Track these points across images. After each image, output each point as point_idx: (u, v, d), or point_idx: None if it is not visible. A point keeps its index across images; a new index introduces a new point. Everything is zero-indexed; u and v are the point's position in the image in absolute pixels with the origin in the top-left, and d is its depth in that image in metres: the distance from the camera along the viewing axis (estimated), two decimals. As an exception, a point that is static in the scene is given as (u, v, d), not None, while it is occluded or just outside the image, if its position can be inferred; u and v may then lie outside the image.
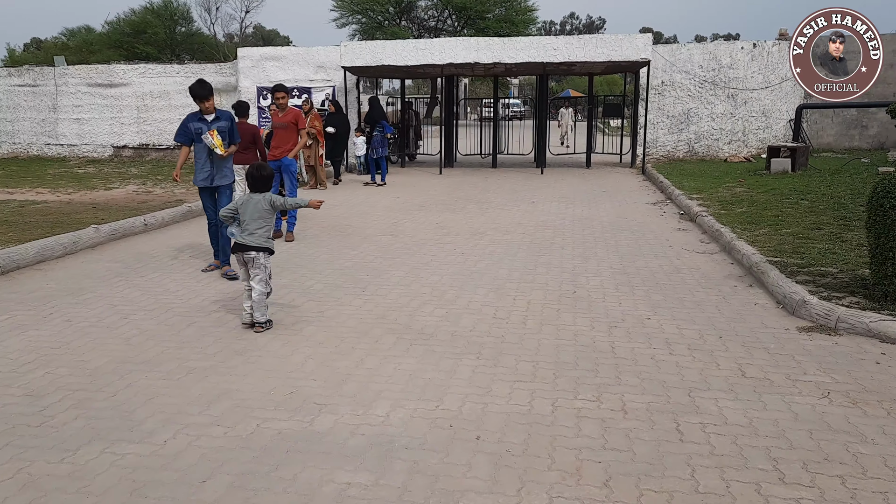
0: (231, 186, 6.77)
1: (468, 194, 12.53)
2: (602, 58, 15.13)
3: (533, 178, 15.26)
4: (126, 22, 44.68)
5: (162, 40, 43.99)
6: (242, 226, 5.14)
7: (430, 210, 10.68)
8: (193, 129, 6.49)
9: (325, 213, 10.44)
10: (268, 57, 17.37)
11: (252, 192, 5.22)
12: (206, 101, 6.45)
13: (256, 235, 5.07)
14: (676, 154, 17.15)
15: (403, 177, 15.67)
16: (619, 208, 10.67)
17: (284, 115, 8.37)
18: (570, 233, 8.67)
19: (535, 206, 11.07)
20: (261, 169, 5.22)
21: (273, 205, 5.14)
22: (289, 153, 8.25)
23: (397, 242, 8.13)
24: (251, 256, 5.05)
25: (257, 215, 5.10)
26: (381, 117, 14.44)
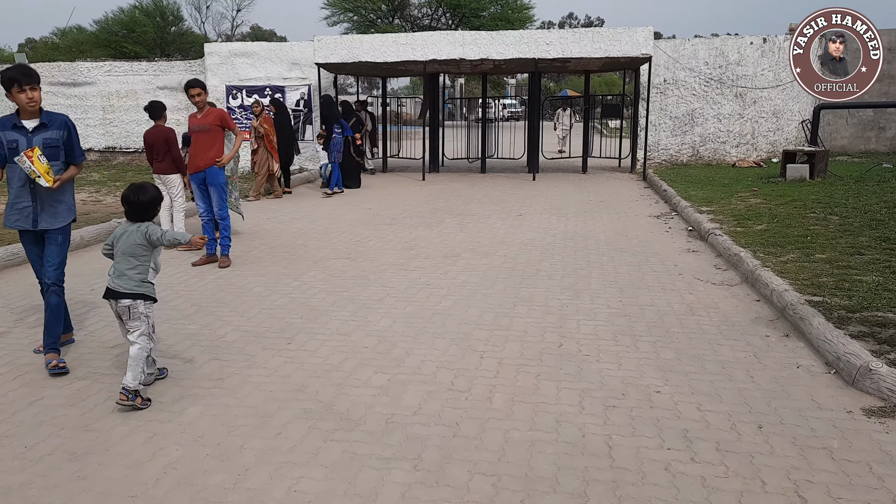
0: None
1: (450, 204, 11.20)
2: (599, 53, 13.81)
3: (523, 185, 13.93)
4: (114, 21, 43.56)
5: (151, 39, 42.75)
6: (114, 265, 3.82)
7: (403, 225, 9.35)
8: (5, 142, 4.14)
9: (280, 229, 9.10)
10: (237, 53, 16.05)
11: (129, 222, 3.90)
12: (22, 91, 4.04)
13: (127, 278, 3.76)
14: (680, 158, 15.83)
15: (382, 184, 14.34)
16: (619, 222, 9.35)
17: (204, 115, 6.90)
18: (560, 255, 7.34)
19: (522, 219, 9.75)
20: (139, 192, 3.88)
21: (149, 239, 3.81)
22: (215, 162, 6.87)
23: (353, 269, 6.79)
24: (125, 306, 3.74)
25: (129, 251, 3.79)
26: (338, 117, 12.75)
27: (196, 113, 6.95)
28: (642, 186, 13.45)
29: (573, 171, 16.40)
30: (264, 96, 16.09)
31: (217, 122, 6.85)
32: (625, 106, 18.60)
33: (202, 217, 7.25)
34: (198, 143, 6.84)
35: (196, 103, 6.83)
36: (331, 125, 12.40)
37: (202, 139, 6.80)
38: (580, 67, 15.86)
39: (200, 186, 6.97)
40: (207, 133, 6.79)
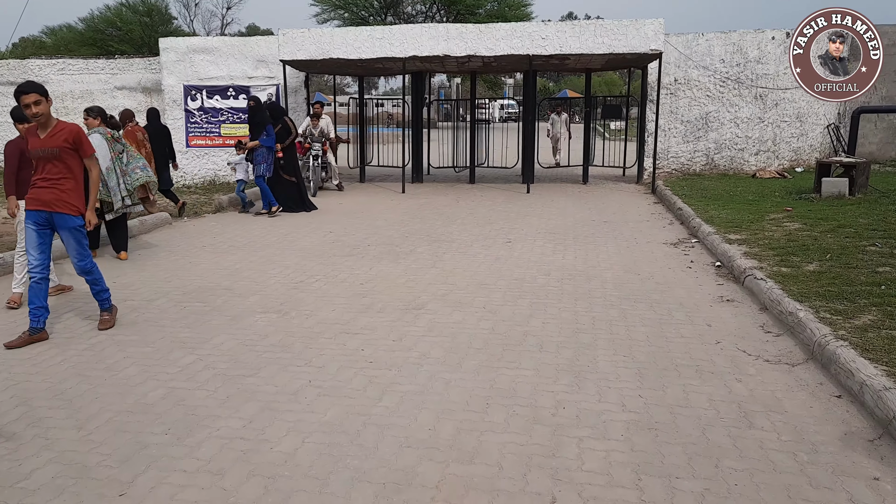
0: None
1: (427, 226, 9.49)
2: (602, 49, 12.11)
3: (516, 199, 12.22)
4: (100, 19, 42.10)
5: (139, 38, 41.20)
6: None
7: (365, 256, 7.64)
8: None
9: (209, 262, 7.39)
10: (197, 49, 14.33)
11: None
12: None
13: None
14: (692, 167, 14.13)
15: (354, 198, 12.62)
16: (628, 253, 7.64)
17: (50, 133, 4.83)
18: (555, 307, 5.62)
19: (511, 247, 8.04)
20: None
21: None
22: (67, 202, 4.84)
23: (277, 331, 5.08)
24: None
25: None
26: (266, 122, 10.31)
27: (37, 129, 4.86)
28: (651, 201, 11.73)
29: (573, 182, 14.69)
30: (227, 97, 14.40)
31: (68, 145, 4.83)
32: (629, 106, 16.87)
33: (32, 274, 4.90)
34: (43, 170, 4.82)
35: (34, 116, 4.72)
36: (259, 133, 10.31)
37: (50, 168, 4.81)
38: (580, 65, 14.15)
39: (41, 230, 4.89)
40: (58, 161, 4.80)
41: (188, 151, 14.48)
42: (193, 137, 14.43)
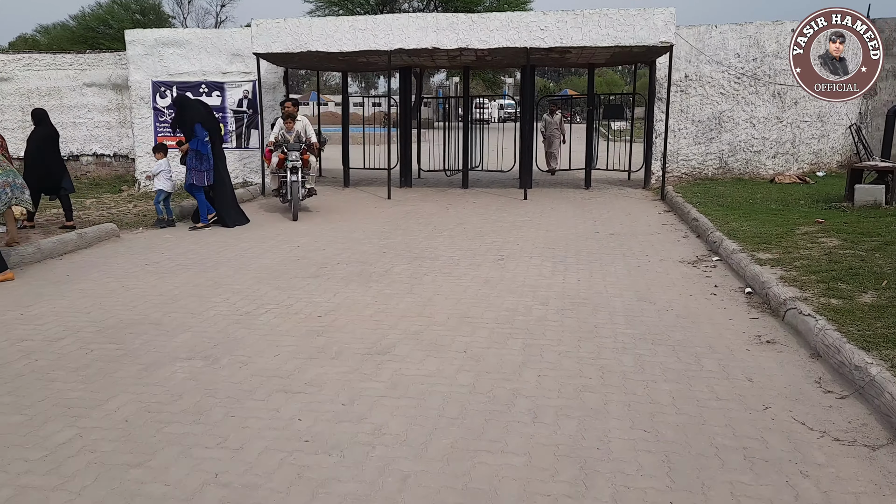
0: None
1: (409, 240, 8.37)
2: (607, 41, 11.00)
3: (512, 206, 11.10)
4: (91, 16, 41.23)
5: (131, 35, 39.99)
6: None
7: (331, 277, 6.51)
8: None
9: (146, 285, 6.25)
10: (166, 42, 13.20)
11: None
12: None
13: None
14: (704, 171, 13.00)
15: (334, 205, 11.50)
16: (640, 274, 6.52)
17: None
18: (553, 351, 4.50)
19: (503, 267, 6.92)
20: None
21: None
22: None
23: (195, 390, 3.95)
24: None
25: None
26: (195, 120, 8.94)
27: None
28: (661, 209, 10.61)
29: (574, 187, 13.57)
30: (199, 94, 13.28)
31: None
32: (628, 105, 15.74)
33: None
34: None
35: None
36: (187, 131, 8.99)
37: None
38: (583, 60, 13.03)
39: None
40: None
41: (157, 153, 13.33)
42: (162, 138, 13.31)
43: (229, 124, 13.38)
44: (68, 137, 15.98)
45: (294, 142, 9.98)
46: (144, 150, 13.38)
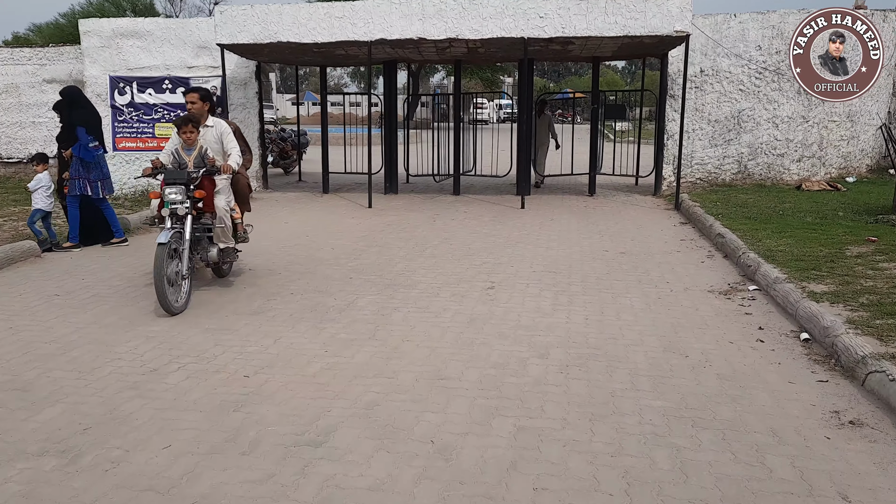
0: None
1: (383, 260, 7.07)
2: (614, 31, 9.72)
3: (508, 216, 9.81)
4: (81, 13, 40.19)
5: (120, 32, 38.91)
6: None
7: (277, 315, 5.22)
8: None
9: (33, 331, 4.94)
10: (125, 33, 11.91)
11: None
12: None
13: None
14: (721, 176, 11.72)
15: (310, 214, 10.20)
16: (663, 310, 5.23)
17: None
18: (556, 442, 3.21)
19: (493, 298, 5.63)
20: None
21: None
22: None
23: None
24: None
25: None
26: (80, 121, 7.30)
27: None
28: (677, 221, 9.32)
29: (577, 193, 12.28)
30: (162, 90, 12.00)
31: None
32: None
33: None
34: None
35: None
36: (69, 135, 7.39)
37: None
38: (587, 53, 11.74)
39: None
40: None
41: (115, 156, 12.07)
42: (122, 139, 12.03)
43: (195, 124, 12.07)
44: (27, 138, 14.73)
45: (195, 164, 5.63)
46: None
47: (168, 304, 5.07)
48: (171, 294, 5.13)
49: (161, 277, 4.96)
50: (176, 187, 5.28)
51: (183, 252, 5.29)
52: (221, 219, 5.78)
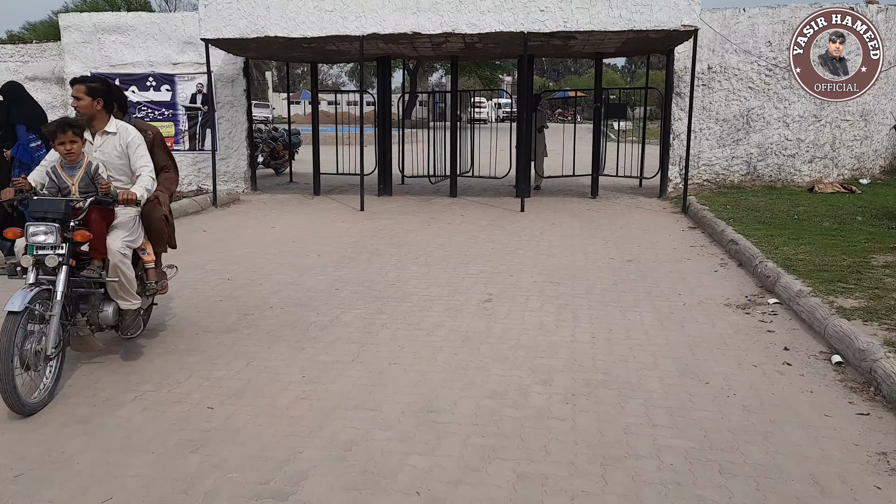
0: None
1: (374, 268, 6.60)
2: (619, 25, 9.26)
3: (507, 219, 9.34)
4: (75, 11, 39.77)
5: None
6: None
7: (253, 333, 4.75)
8: None
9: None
10: (107, 28, 11.43)
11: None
12: None
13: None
14: (729, 177, 11.25)
15: (298, 217, 9.71)
16: (676, 327, 4.76)
17: None
18: (561, 496, 2.74)
19: (491, 313, 5.16)
20: None
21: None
22: None
23: None
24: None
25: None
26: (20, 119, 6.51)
27: None
28: (686, 226, 8.85)
29: (579, 195, 11.82)
30: (146, 88, 11.54)
31: None
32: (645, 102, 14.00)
33: None
34: None
35: None
36: (8, 133, 6.61)
37: None
38: (589, 49, 11.27)
39: None
40: None
41: (98, 156, 11.57)
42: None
43: (181, 123, 11.62)
44: (9, 138, 14.23)
45: (77, 192, 3.93)
46: (83, 153, 11.59)
47: (16, 400, 3.31)
48: (25, 385, 3.41)
49: (8, 360, 3.24)
50: (46, 225, 3.60)
51: (51, 320, 3.54)
52: (117, 268, 3.90)
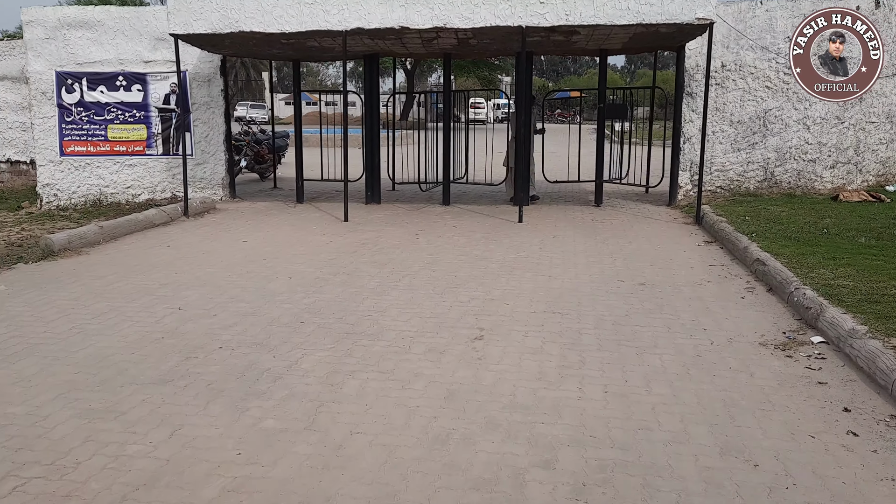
0: None
1: (349, 293, 5.74)
2: (626, 18, 8.40)
3: (503, 232, 8.48)
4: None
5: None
6: None
7: (189, 385, 3.89)
8: None
9: None
10: (72, 23, 10.56)
11: None
12: None
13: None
14: (745, 184, 10.39)
15: (268, 230, 8.85)
16: (706, 378, 3.90)
17: None
18: None
19: (481, 356, 4.30)
20: None
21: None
22: None
23: None
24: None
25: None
26: None
27: None
28: (701, 239, 7.99)
29: (581, 203, 10.96)
30: (116, 87, 10.68)
31: None
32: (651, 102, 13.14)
33: None
34: None
35: None
36: None
37: None
38: (593, 45, 10.40)
39: None
40: None
41: (62, 161, 10.74)
42: (70, 142, 10.70)
43: (153, 126, 10.77)
44: (-22, 141, 13.39)
45: None
46: (47, 158, 10.75)
47: None
48: None
49: None
50: None
51: None
52: None
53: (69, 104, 10.66)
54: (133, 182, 10.85)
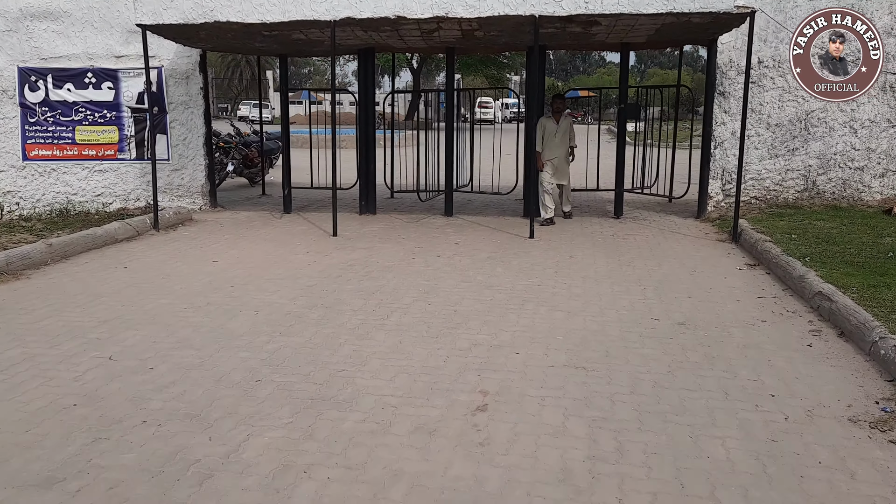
0: None
1: (325, 334, 4.68)
2: (655, 6, 7.34)
3: (512, 251, 7.40)
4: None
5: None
6: None
7: (87, 486, 2.83)
8: None
9: None
10: (36, 13, 9.55)
11: None
12: None
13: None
14: (783, 194, 9.28)
15: (248, 246, 7.80)
16: (784, 467, 2.82)
17: None
18: None
19: (485, 436, 3.23)
20: None
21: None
22: None
23: None
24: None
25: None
26: None
27: None
28: (741, 262, 6.90)
29: (599, 214, 9.88)
30: (85, 85, 9.68)
31: None
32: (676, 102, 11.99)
33: None
34: None
35: None
36: None
37: None
38: (614, 38, 9.30)
39: None
40: None
41: (26, 166, 9.74)
42: (34, 145, 9.70)
43: (126, 127, 9.76)
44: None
45: None
46: (8, 163, 9.75)
47: None
48: None
49: None
50: None
51: None
52: None
53: (33, 103, 9.65)
54: (103, 189, 9.83)
